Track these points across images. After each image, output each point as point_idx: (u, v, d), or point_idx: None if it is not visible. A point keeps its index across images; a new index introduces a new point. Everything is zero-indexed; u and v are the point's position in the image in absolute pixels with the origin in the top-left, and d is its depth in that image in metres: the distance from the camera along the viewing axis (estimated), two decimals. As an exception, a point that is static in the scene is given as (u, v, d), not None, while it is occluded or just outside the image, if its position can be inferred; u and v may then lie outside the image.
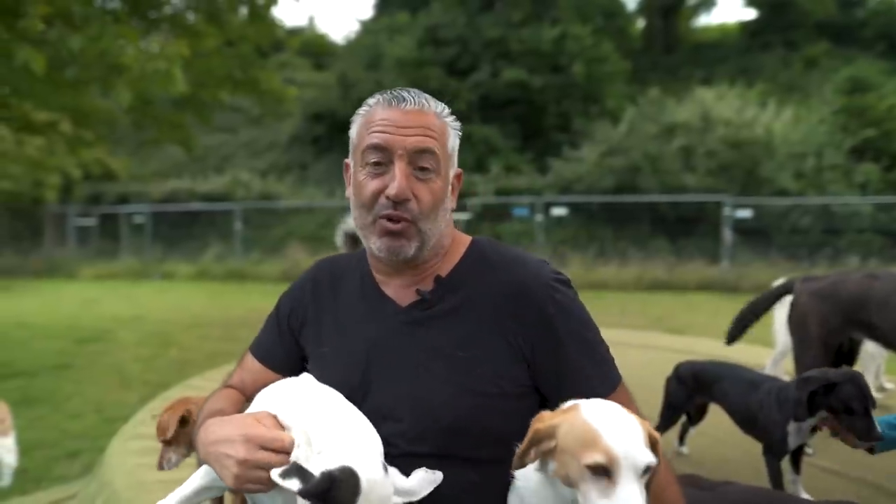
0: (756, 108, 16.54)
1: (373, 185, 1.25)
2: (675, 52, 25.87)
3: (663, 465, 1.25)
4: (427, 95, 1.31)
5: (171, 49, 5.82)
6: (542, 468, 1.09)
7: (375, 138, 1.24)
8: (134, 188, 18.77)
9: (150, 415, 2.56)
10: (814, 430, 2.04)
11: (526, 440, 1.06)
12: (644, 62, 23.93)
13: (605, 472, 0.96)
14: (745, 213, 13.89)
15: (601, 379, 1.25)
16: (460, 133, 1.36)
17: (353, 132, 1.33)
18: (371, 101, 1.31)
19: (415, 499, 1.09)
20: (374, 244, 1.28)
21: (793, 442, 2.04)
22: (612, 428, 0.99)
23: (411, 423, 1.21)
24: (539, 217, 15.30)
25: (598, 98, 19.82)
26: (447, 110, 1.32)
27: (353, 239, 3.92)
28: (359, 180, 1.28)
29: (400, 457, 1.18)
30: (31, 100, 6.32)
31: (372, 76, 20.01)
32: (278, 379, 1.37)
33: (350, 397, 1.23)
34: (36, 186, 16.80)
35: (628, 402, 1.19)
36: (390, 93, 1.29)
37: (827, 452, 2.52)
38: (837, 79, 18.40)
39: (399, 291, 1.34)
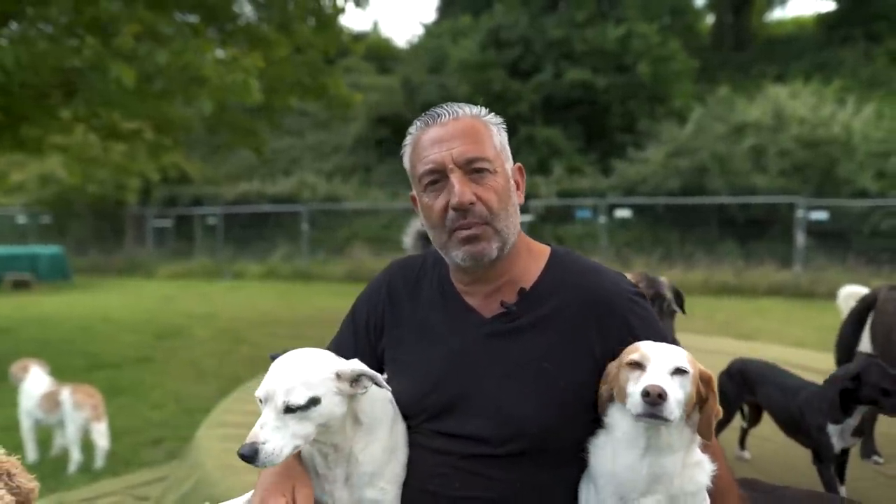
0: (833, 106, 15.84)
1: (438, 203, 1.31)
2: (746, 49, 24.99)
3: (725, 469, 1.30)
4: (461, 104, 1.36)
5: (247, 60, 6.14)
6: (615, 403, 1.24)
7: (426, 164, 1.31)
8: (207, 190, 19.64)
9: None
10: (857, 433, 2.04)
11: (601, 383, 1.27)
12: (713, 60, 23.24)
13: (638, 367, 1.18)
14: (820, 216, 13.35)
15: None
16: (504, 127, 1.40)
17: (406, 163, 1.39)
18: (412, 129, 1.39)
19: None
20: (456, 256, 1.32)
21: (837, 445, 2.04)
22: (650, 343, 1.23)
23: (496, 433, 1.27)
24: (602, 219, 15.14)
25: (665, 98, 19.40)
26: (484, 111, 1.37)
27: (425, 238, 3.99)
28: (424, 203, 1.35)
29: (479, 457, 1.27)
30: (121, 110, 6.80)
31: (435, 79, 20.22)
32: None
33: (432, 406, 1.32)
34: (118, 189, 17.85)
35: None
36: (426, 114, 1.37)
37: (897, 462, 2.46)
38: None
39: (482, 302, 1.38)
